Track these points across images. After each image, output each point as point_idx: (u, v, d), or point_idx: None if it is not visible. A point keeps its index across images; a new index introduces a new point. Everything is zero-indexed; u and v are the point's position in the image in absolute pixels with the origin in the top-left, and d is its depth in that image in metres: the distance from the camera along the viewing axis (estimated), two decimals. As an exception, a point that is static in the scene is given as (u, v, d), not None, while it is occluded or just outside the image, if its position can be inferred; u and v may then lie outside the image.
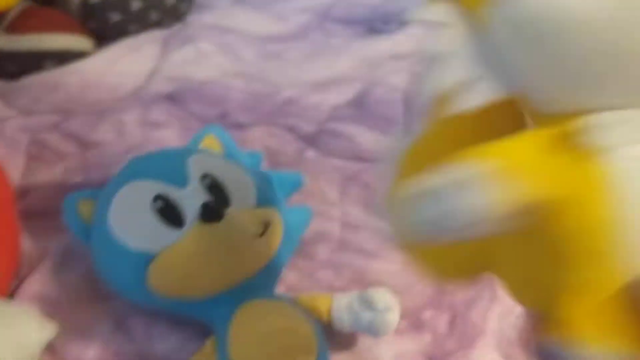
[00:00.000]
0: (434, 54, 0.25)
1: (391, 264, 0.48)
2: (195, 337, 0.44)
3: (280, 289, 0.47)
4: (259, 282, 0.42)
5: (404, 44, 0.73)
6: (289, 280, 0.48)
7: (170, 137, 0.58)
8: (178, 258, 0.39)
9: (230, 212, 0.40)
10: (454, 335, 0.45)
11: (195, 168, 0.43)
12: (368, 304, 0.40)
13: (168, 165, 0.44)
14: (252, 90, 0.65)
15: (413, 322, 0.45)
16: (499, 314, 0.46)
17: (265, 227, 0.42)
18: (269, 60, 0.70)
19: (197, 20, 0.77)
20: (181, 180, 0.42)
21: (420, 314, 0.46)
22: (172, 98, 0.64)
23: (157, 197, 0.41)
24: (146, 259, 0.40)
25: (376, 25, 0.81)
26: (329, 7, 0.81)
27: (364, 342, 0.44)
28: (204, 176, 0.42)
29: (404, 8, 0.84)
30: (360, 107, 0.65)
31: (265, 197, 0.44)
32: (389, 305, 0.40)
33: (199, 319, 0.42)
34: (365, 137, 0.62)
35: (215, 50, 0.71)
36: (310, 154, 0.60)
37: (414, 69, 0.71)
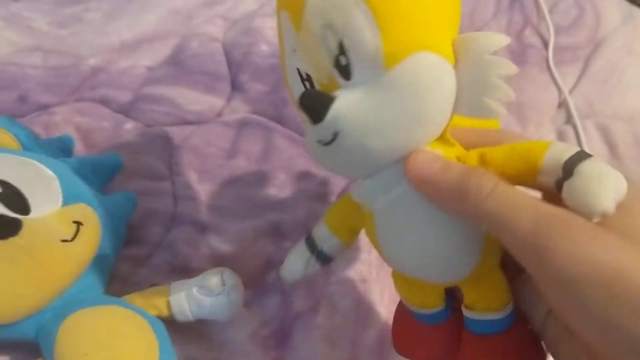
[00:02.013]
0: None
1: (228, 237, 0.46)
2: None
3: (115, 285, 0.43)
4: (83, 288, 0.38)
5: (215, -12, 0.68)
6: (122, 272, 0.44)
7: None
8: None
9: (29, 221, 0.35)
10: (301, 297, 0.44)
11: (-19, 176, 0.37)
12: (208, 288, 0.38)
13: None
14: (51, 65, 0.58)
15: (257, 289, 0.43)
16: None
17: (77, 227, 0.37)
18: (66, 26, 0.62)
19: (-25, -10, 0.67)
20: (-36, 194, 0.36)
21: (264, 279, 0.44)
22: (-43, 88, 0.55)
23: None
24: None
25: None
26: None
27: (213, 327, 0.42)
28: (-6, 184, 0.36)
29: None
30: (178, 65, 0.60)
31: (73, 193, 0.39)
32: (230, 285, 0.38)
33: (25, 340, 0.38)
34: (188, 98, 0.57)
35: (1, 25, 0.61)
36: (129, 126, 0.54)
37: (231, 15, 0.67)
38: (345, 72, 0.26)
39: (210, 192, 0.50)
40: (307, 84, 0.28)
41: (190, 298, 0.38)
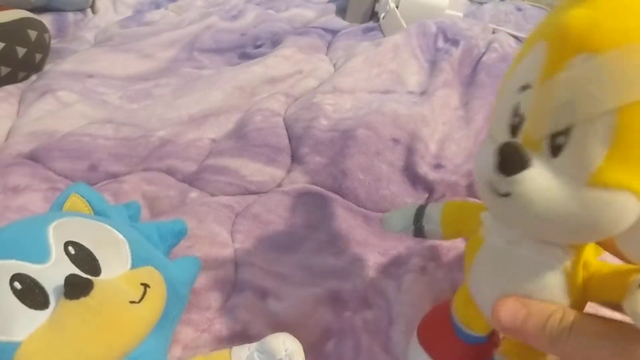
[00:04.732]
0: None
1: (288, 304, 0.46)
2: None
3: (176, 349, 0.44)
4: (147, 350, 0.38)
5: (277, 67, 0.71)
6: (184, 337, 0.44)
7: (34, 202, 0.53)
8: (46, 342, 0.35)
9: (99, 282, 0.36)
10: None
11: (56, 237, 0.38)
12: (269, 352, 0.37)
13: (24, 238, 0.39)
14: (122, 136, 0.61)
15: (315, 358, 0.43)
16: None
17: (144, 289, 0.38)
18: (137, 101, 0.66)
19: (55, 68, 0.72)
20: (41, 254, 0.37)
21: (322, 348, 0.44)
22: (34, 157, 0.59)
23: (15, 278, 0.36)
24: (11, 349, 0.35)
25: (247, 50, 0.78)
26: (196, 37, 0.78)
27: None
28: (67, 245, 0.38)
29: (273, 30, 0.83)
30: (241, 138, 0.62)
31: (142, 256, 0.40)
32: (291, 351, 0.37)
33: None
34: (250, 169, 0.59)
35: (77, 99, 0.66)
36: (194, 195, 0.56)
37: (291, 91, 0.69)
38: (555, 151, 0.25)
39: (270, 259, 0.50)
40: (517, 119, 0.27)
41: (251, 363, 0.38)
